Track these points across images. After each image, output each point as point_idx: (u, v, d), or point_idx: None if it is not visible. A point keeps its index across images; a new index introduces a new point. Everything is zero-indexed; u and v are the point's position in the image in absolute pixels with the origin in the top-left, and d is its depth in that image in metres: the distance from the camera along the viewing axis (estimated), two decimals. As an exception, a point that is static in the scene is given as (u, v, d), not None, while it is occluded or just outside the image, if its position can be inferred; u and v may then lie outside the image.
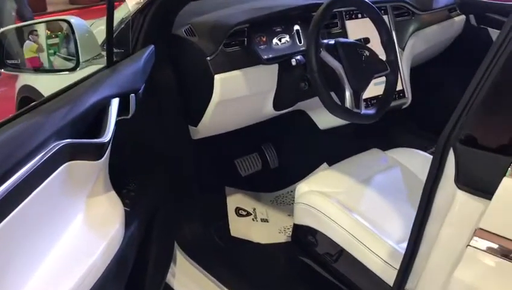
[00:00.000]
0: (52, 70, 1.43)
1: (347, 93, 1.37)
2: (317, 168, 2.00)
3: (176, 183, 1.56)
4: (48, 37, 1.47)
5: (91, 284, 0.94)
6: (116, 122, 1.12)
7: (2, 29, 1.39)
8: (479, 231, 0.71)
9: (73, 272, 0.91)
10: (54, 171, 0.84)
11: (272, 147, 2.10)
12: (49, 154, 0.82)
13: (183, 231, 1.62)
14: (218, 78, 1.41)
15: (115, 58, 1.35)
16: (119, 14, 1.45)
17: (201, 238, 1.63)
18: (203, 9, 1.62)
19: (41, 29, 1.36)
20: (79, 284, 0.90)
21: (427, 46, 2.02)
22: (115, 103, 1.11)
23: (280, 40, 1.56)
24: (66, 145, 0.86)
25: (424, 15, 1.96)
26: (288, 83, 1.54)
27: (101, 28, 1.44)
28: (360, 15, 1.76)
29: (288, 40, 1.58)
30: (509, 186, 0.70)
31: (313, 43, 1.32)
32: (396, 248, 1.23)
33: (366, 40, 1.56)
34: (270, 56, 1.52)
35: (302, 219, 1.40)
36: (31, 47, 1.40)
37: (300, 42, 1.59)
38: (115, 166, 1.16)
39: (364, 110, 1.41)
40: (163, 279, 1.50)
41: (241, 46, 1.48)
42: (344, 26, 1.73)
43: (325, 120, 1.87)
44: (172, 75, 1.48)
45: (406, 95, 1.87)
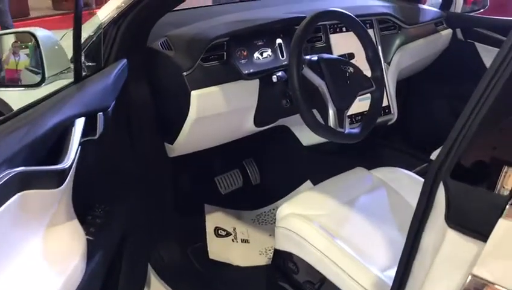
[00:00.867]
0: (14, 85, 1.34)
1: (330, 111, 1.31)
2: (300, 186, 1.93)
3: (151, 205, 1.48)
4: (20, 48, 1.39)
5: None
6: (82, 143, 1.04)
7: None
8: (472, 277, 0.64)
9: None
10: (3, 203, 0.75)
11: (254, 163, 2.03)
12: None
13: (159, 254, 1.53)
14: (195, 94, 1.33)
15: (85, 72, 1.28)
16: (91, 25, 1.37)
17: (177, 261, 1.55)
18: (182, 21, 1.55)
19: (4, 41, 1.27)
20: None
21: (413, 61, 1.97)
22: (80, 123, 1.02)
23: (262, 54, 1.50)
24: (18, 174, 0.78)
25: (410, 29, 1.91)
26: (270, 100, 1.48)
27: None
28: (344, 29, 1.70)
29: (270, 54, 1.51)
30: (506, 229, 0.63)
31: (294, 60, 1.25)
32: (381, 276, 1.16)
33: (351, 55, 1.50)
34: (251, 71, 1.45)
35: (283, 244, 1.33)
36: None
37: (283, 56, 1.52)
38: (80, 191, 1.07)
39: (348, 129, 1.34)
40: None
41: (220, 60, 1.41)
42: (328, 41, 1.67)
43: (309, 136, 1.81)
44: (147, 91, 1.40)
45: (392, 111, 1.82)
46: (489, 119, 0.69)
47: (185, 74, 1.32)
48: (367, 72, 1.43)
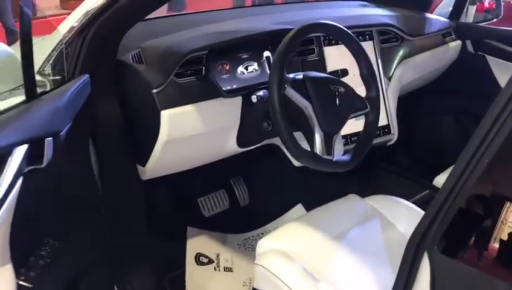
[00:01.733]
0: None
1: (317, 136, 1.16)
2: (291, 209, 1.79)
3: (120, 232, 1.34)
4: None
5: None
6: (26, 173, 0.91)
7: None
8: None
9: None
10: None
11: (242, 182, 1.88)
12: None
13: (130, 285, 1.39)
14: (166, 114, 1.19)
15: (49, 88, 1.15)
16: (54, 37, 1.24)
17: (151, 292, 1.41)
18: (158, 31, 1.41)
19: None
20: None
21: (418, 75, 1.81)
22: (20, 151, 0.89)
23: (246, 68, 1.35)
24: None
25: (414, 40, 1.75)
26: (253, 120, 1.33)
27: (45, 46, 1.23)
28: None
29: (257, 68, 1.37)
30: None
31: (275, 78, 1.11)
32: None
33: (344, 72, 1.35)
34: (234, 87, 1.31)
35: (261, 284, 1.19)
36: None
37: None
38: (24, 226, 0.94)
39: (337, 156, 1.19)
40: None
41: (198, 76, 1.27)
42: (322, 54, 1.52)
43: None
44: (116, 108, 1.27)
45: (392, 131, 1.66)
46: (492, 176, 0.54)
47: (154, 91, 1.18)
48: (362, 90, 1.28)
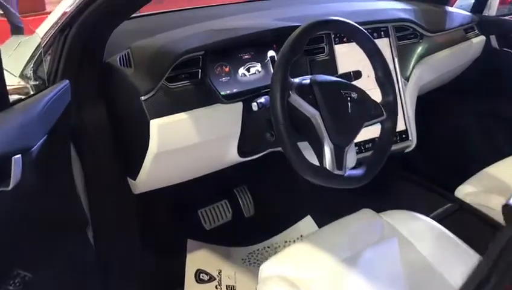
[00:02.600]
0: None
1: (326, 149, 1.02)
2: (299, 221, 1.65)
3: (111, 252, 1.22)
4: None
5: None
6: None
7: None
8: None
9: None
10: None
11: (247, 191, 1.75)
12: None
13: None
14: (156, 124, 1.06)
15: (32, 92, 1.04)
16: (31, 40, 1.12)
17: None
18: (152, 28, 1.28)
19: None
20: None
21: (438, 75, 1.66)
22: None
23: (248, 69, 1.22)
24: None
25: (434, 37, 1.60)
26: (256, 128, 1.20)
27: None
28: (353, 37, 1.40)
29: (260, 69, 1.23)
30: None
31: (278, 85, 0.97)
32: None
33: (357, 74, 1.20)
34: (234, 91, 1.18)
35: (263, 314, 1.05)
36: None
37: None
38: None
39: (349, 171, 1.05)
40: None
41: (193, 80, 1.14)
42: (332, 52, 1.37)
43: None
44: (104, 116, 1.14)
45: (410, 137, 1.51)
46: None
47: (142, 98, 1.05)
48: (377, 93, 1.14)
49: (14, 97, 0.97)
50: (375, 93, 1.15)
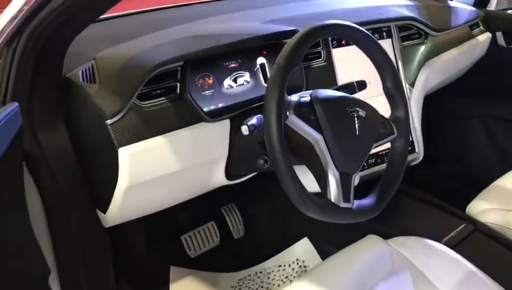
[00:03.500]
0: None
1: (331, 178, 0.86)
2: (295, 243, 1.49)
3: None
4: None
5: None
6: None
7: None
8: None
9: None
10: None
11: (236, 210, 1.58)
12: None
13: None
14: (126, 153, 0.88)
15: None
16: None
17: None
18: (123, 34, 1.10)
19: None
20: None
21: (444, 77, 1.51)
22: None
23: (236, 80, 1.05)
24: None
25: (440, 36, 1.44)
26: (243, 154, 1.03)
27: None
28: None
29: (249, 79, 1.07)
30: None
31: (274, 104, 0.80)
32: None
33: (361, 84, 1.04)
34: (220, 106, 1.01)
35: None
36: None
37: (266, 82, 1.07)
38: None
39: (358, 202, 0.89)
40: None
41: (170, 95, 0.96)
42: (330, 58, 1.21)
43: (306, 183, 1.35)
44: (67, 141, 0.96)
45: (417, 149, 1.36)
46: None
47: (109, 122, 0.87)
48: (382, 100, 0.98)
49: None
50: (380, 100, 0.99)
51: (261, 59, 1.08)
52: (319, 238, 1.27)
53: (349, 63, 1.23)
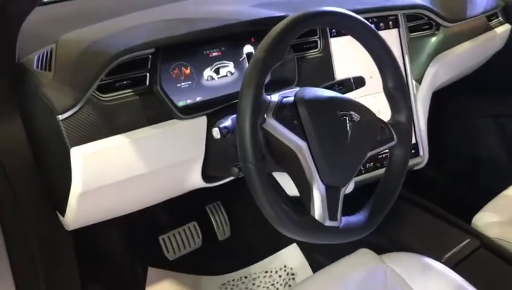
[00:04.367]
0: None
1: (315, 193, 0.74)
2: (284, 249, 1.38)
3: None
4: None
5: None
6: None
7: None
8: None
9: None
10: None
11: (222, 209, 1.46)
12: None
13: None
14: (79, 154, 0.77)
15: None
16: None
17: None
18: (94, 13, 0.98)
19: None
20: None
21: (455, 73, 1.37)
22: None
23: (218, 71, 0.93)
24: None
25: (453, 27, 1.30)
26: (219, 157, 0.91)
27: None
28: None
29: (233, 70, 0.94)
30: None
31: (248, 104, 0.67)
32: None
33: (359, 81, 0.91)
34: (198, 100, 0.89)
35: None
36: None
37: None
38: None
39: (346, 219, 0.77)
40: None
41: (138, 87, 0.84)
42: (328, 48, 1.07)
43: (290, 186, 1.24)
44: (22, 134, 0.85)
45: (421, 152, 1.23)
46: None
47: (60, 117, 0.75)
48: (382, 98, 0.85)
49: None
50: (380, 98, 0.87)
51: (248, 47, 0.96)
52: (309, 245, 1.16)
53: (350, 55, 1.10)
